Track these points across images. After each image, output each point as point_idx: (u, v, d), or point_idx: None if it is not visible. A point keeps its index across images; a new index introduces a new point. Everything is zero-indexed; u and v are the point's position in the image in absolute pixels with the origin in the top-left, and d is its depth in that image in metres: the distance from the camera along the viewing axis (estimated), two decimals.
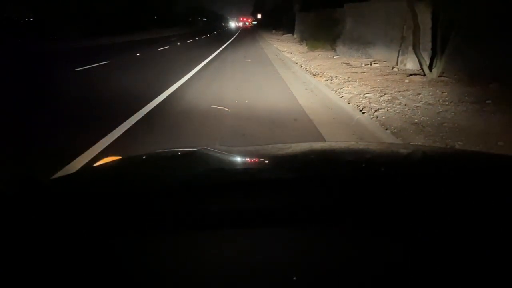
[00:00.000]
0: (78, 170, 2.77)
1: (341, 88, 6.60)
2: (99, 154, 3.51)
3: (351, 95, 6.01)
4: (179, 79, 8.29)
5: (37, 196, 0.77)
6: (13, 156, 3.46)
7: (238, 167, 1.06)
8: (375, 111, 4.96)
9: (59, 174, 3.10)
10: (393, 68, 8.77)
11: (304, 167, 0.99)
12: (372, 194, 0.75)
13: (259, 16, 77.80)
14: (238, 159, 1.14)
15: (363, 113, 4.89)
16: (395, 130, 4.15)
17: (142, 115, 5.07)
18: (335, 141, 3.74)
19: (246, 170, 0.99)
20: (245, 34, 39.93)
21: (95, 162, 1.35)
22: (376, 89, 6.38)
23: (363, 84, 6.92)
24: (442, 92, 5.91)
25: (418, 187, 0.77)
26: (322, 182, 0.80)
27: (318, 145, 1.59)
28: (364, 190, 0.77)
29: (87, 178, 1.02)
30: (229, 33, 40.19)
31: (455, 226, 0.64)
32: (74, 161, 3.34)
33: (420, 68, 7.72)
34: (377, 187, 0.79)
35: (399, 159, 1.16)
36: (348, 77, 7.71)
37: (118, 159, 1.26)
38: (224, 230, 0.65)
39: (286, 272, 0.55)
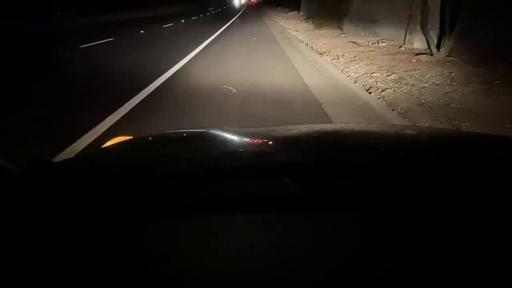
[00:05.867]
0: (86, 151, 2.77)
1: (347, 67, 6.53)
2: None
3: (357, 75, 5.95)
4: (184, 57, 8.23)
5: (46, 183, 0.73)
6: (35, 134, 3.51)
7: (249, 150, 1.05)
8: (382, 91, 4.92)
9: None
10: (400, 47, 8.64)
11: (318, 152, 0.97)
12: (386, 181, 0.74)
13: None
14: (248, 141, 1.12)
15: (370, 93, 4.84)
16: (402, 110, 4.12)
17: (148, 93, 5.09)
18: (345, 122, 3.70)
19: (258, 154, 0.97)
20: (250, 11, 39.28)
21: (96, 143, 1.35)
22: (383, 68, 6.31)
23: (369, 63, 6.84)
24: (450, 72, 5.84)
25: (430, 174, 0.77)
26: (339, 168, 0.80)
27: (329, 127, 1.58)
28: (380, 177, 0.76)
29: (95, 161, 1.00)
30: (233, 10, 39.59)
31: (476, 214, 0.64)
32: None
33: (427, 47, 7.61)
34: (391, 174, 0.78)
35: (408, 143, 1.15)
36: (354, 56, 7.62)
37: (126, 140, 1.24)
38: (237, 216, 0.65)
39: (300, 259, 0.54)
